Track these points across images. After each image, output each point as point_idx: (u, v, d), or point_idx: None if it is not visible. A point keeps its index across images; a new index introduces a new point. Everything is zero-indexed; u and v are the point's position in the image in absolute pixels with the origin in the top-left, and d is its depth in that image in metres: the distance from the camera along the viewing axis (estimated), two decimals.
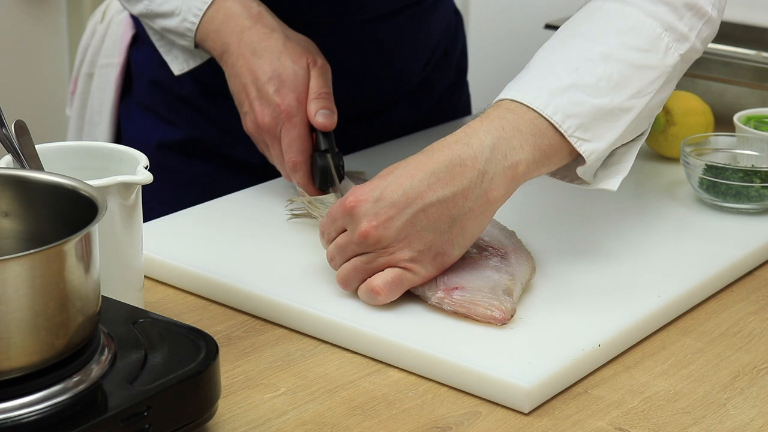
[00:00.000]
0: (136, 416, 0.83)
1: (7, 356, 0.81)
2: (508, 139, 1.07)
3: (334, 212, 1.08)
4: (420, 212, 1.05)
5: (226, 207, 1.29)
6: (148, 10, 1.31)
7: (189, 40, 1.29)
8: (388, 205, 1.05)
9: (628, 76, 1.11)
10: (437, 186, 1.05)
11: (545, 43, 1.17)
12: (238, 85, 1.25)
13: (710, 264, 1.18)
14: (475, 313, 1.05)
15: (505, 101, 1.11)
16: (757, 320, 1.12)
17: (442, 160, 1.06)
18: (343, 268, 1.08)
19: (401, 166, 1.07)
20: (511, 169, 1.06)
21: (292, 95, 1.23)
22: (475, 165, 1.05)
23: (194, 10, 1.28)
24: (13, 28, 2.79)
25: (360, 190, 1.06)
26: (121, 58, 1.54)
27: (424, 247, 1.05)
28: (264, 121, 1.24)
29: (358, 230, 1.05)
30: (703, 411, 0.97)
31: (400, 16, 1.45)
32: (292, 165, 1.24)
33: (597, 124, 1.10)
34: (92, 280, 0.86)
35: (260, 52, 1.24)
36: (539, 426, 0.95)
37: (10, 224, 0.92)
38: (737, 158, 1.38)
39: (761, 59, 1.72)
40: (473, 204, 1.06)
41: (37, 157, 1.01)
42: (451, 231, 1.06)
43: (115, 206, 1.00)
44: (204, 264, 1.14)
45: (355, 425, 0.94)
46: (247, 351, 1.04)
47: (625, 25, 1.13)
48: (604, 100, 1.10)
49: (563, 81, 1.10)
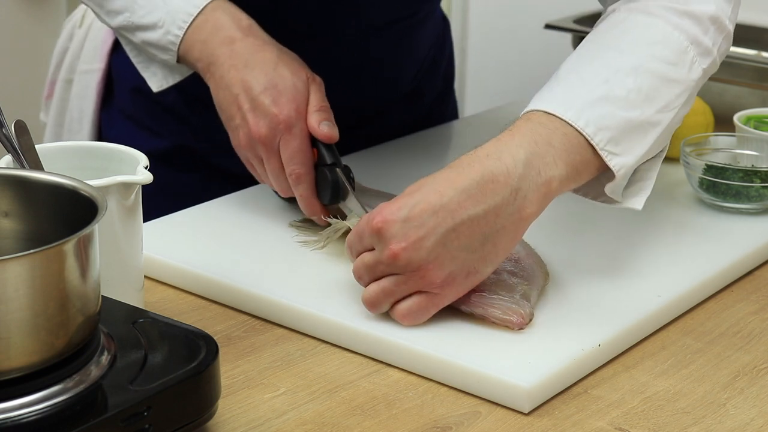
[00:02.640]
0: (136, 416, 0.83)
1: (7, 356, 0.81)
2: (541, 155, 1.04)
3: (361, 230, 1.04)
4: (451, 231, 1.01)
5: (226, 207, 1.29)
6: (129, 22, 1.25)
7: (171, 54, 1.23)
8: (417, 225, 1.00)
9: (657, 88, 1.10)
10: (468, 203, 1.01)
11: (571, 54, 1.14)
12: (227, 97, 1.19)
13: (710, 264, 1.18)
14: (492, 316, 1.04)
15: (536, 113, 1.07)
16: (757, 320, 1.12)
17: (474, 176, 1.02)
18: (371, 290, 1.04)
19: (429, 182, 1.03)
20: (544, 186, 1.03)
21: (290, 106, 1.17)
22: (508, 181, 1.02)
23: (179, 22, 1.22)
24: (13, 28, 2.79)
25: (387, 209, 1.02)
26: (102, 64, 1.51)
27: (456, 267, 1.02)
28: (260, 133, 1.17)
29: (387, 251, 1.01)
30: (703, 411, 0.97)
31: (394, 27, 1.44)
32: (295, 177, 1.18)
33: (627, 137, 1.08)
34: (92, 280, 0.86)
35: (253, 63, 1.19)
36: (539, 426, 0.95)
37: (10, 224, 0.92)
38: (737, 158, 1.38)
39: (761, 59, 1.72)
40: (506, 221, 1.02)
41: (37, 157, 1.01)
42: (483, 249, 1.02)
43: (115, 206, 1.00)
44: (204, 264, 1.14)
45: (355, 425, 0.94)
46: (247, 351, 1.04)
47: (653, 37, 1.11)
48: (634, 113, 1.08)
49: (594, 93, 1.07)
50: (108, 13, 1.28)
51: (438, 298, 1.03)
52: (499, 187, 1.02)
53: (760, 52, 1.77)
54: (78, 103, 1.56)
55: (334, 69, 1.36)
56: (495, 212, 1.02)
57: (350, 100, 1.43)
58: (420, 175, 1.38)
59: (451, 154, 1.49)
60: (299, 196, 1.20)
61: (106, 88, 1.52)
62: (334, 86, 1.27)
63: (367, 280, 1.05)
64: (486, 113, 1.68)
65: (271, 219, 1.25)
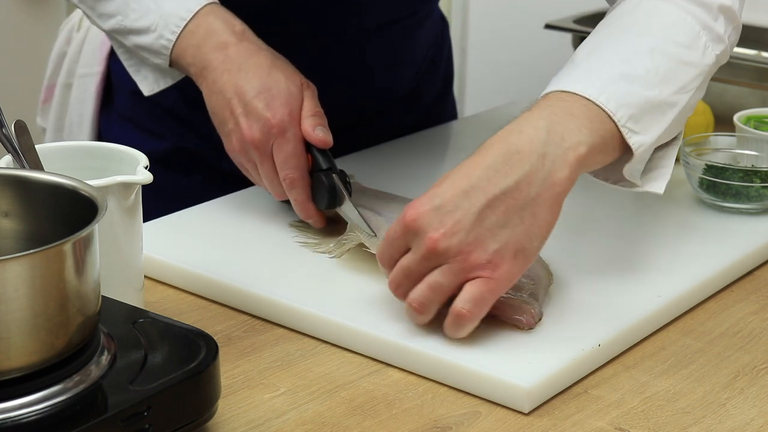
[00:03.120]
0: (136, 416, 0.83)
1: (7, 356, 0.81)
2: (562, 122, 1.03)
3: (391, 233, 1.01)
4: (486, 208, 0.99)
5: (227, 207, 1.29)
6: (121, 26, 1.25)
7: (164, 57, 1.23)
8: (451, 209, 0.99)
9: (674, 70, 1.10)
10: (497, 178, 1.00)
11: (585, 40, 1.14)
12: (220, 101, 1.19)
13: (710, 264, 1.18)
14: (503, 315, 1.04)
15: (554, 93, 1.07)
16: (757, 320, 1.12)
17: (498, 152, 1.01)
18: (416, 293, 1.00)
19: (454, 170, 1.02)
20: (572, 150, 1.02)
21: (284, 110, 1.17)
22: (533, 149, 1.01)
23: (172, 27, 1.21)
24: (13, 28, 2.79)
25: (417, 203, 1.00)
26: (101, 68, 1.51)
27: (500, 246, 0.99)
28: (253, 137, 1.17)
29: (425, 243, 0.99)
30: (703, 411, 0.97)
31: (394, 27, 1.44)
32: (289, 182, 1.18)
33: (646, 116, 1.08)
34: (92, 280, 0.86)
35: (247, 68, 1.18)
36: (539, 426, 0.95)
37: (10, 224, 0.92)
38: (737, 158, 1.38)
39: (761, 59, 1.72)
40: (539, 189, 1.00)
41: (37, 157, 1.01)
42: (523, 222, 1.00)
43: (115, 206, 1.00)
44: (204, 264, 1.14)
45: (355, 425, 0.94)
46: (247, 351, 1.04)
47: (666, 21, 1.13)
48: (653, 92, 1.08)
49: (614, 71, 1.08)
50: (100, 16, 1.27)
51: (492, 282, 0.99)
52: (524, 156, 1.01)
53: (760, 52, 1.77)
54: (78, 106, 1.56)
55: (334, 69, 1.36)
56: (527, 181, 1.00)
57: (350, 100, 1.43)
58: (420, 175, 1.38)
59: (451, 154, 1.49)
60: (294, 201, 1.20)
61: (105, 91, 1.52)
62: (335, 86, 1.27)
63: (407, 286, 1.01)
64: (486, 113, 1.68)
65: (270, 219, 1.25)
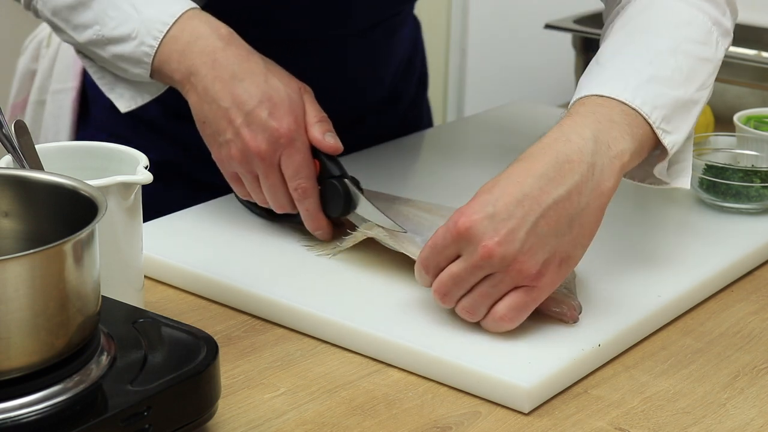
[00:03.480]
0: (136, 416, 0.83)
1: (7, 356, 0.81)
2: (606, 130, 1.05)
3: (440, 241, 1.01)
4: (540, 218, 1.00)
5: (227, 207, 1.29)
6: (99, 36, 1.19)
7: (145, 66, 1.17)
8: (505, 218, 0.99)
9: (694, 68, 1.12)
10: (550, 187, 1.01)
11: (607, 41, 1.16)
12: (215, 111, 1.14)
13: (710, 264, 1.18)
14: (547, 309, 1.05)
15: (590, 97, 1.08)
16: (757, 320, 1.12)
17: (548, 161, 1.02)
18: (467, 302, 1.02)
19: (503, 177, 1.02)
20: (617, 159, 1.04)
21: (289, 118, 1.13)
22: (582, 158, 1.02)
23: (154, 32, 1.16)
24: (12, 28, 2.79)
25: (469, 210, 1.00)
26: (75, 83, 1.47)
27: (549, 255, 1.00)
28: (259, 148, 1.13)
29: (480, 251, 0.99)
30: (703, 411, 0.97)
31: (377, 30, 1.43)
32: (302, 192, 1.15)
33: (676, 115, 1.10)
34: (92, 280, 0.86)
35: (241, 74, 1.14)
36: (539, 426, 0.95)
37: (10, 224, 0.92)
38: (737, 158, 1.38)
39: (761, 59, 1.73)
40: (588, 198, 1.02)
41: (37, 157, 1.01)
42: (572, 231, 1.02)
43: (115, 206, 1.00)
44: (204, 264, 1.14)
45: (355, 425, 0.94)
46: (247, 351, 1.04)
47: (681, 19, 1.15)
48: (679, 91, 1.10)
49: (643, 74, 1.09)
50: (76, 28, 1.21)
51: (536, 291, 1.01)
52: (575, 165, 1.02)
53: (760, 52, 1.77)
54: (53, 122, 1.52)
55: (318, 72, 1.34)
56: (577, 191, 1.02)
57: (332, 104, 1.42)
58: (421, 174, 1.38)
59: (451, 154, 1.49)
60: (305, 211, 1.17)
61: (81, 105, 1.48)
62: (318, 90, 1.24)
63: (456, 293, 1.02)
64: (486, 113, 1.68)
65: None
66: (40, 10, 1.23)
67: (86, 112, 1.49)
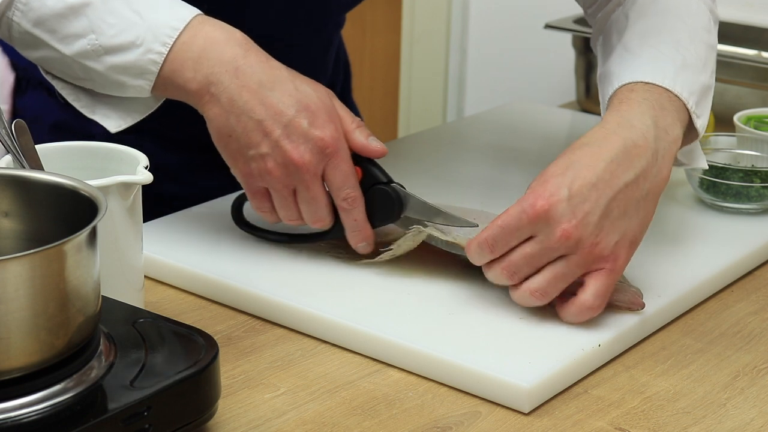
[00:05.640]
0: (136, 416, 0.83)
1: (7, 356, 0.81)
2: (662, 117, 1.09)
3: (513, 221, 1.01)
4: (612, 201, 1.03)
5: (227, 207, 1.28)
6: (95, 45, 1.09)
7: (149, 77, 1.09)
8: (582, 200, 1.02)
9: (707, 55, 1.18)
10: (620, 172, 1.04)
11: (630, 29, 1.19)
12: (246, 123, 1.07)
13: (710, 264, 1.18)
14: (618, 300, 1.07)
15: (636, 84, 1.12)
16: (757, 320, 1.12)
17: (617, 146, 1.05)
18: (539, 282, 1.03)
19: (574, 160, 1.04)
20: (674, 144, 1.09)
21: (331, 126, 1.08)
22: (648, 144, 1.07)
23: (163, 38, 1.08)
24: None
25: (545, 192, 1.02)
26: (6, 106, 1.37)
27: (620, 237, 1.04)
28: (303, 159, 1.07)
29: (558, 232, 1.01)
30: (703, 411, 0.97)
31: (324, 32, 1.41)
32: (351, 201, 1.10)
33: (702, 100, 1.15)
34: (92, 280, 0.86)
35: (269, 83, 1.07)
36: (539, 426, 0.95)
37: (10, 224, 0.92)
38: (737, 158, 1.38)
39: (761, 59, 1.73)
40: (651, 184, 1.06)
41: (37, 157, 1.01)
42: (638, 214, 1.05)
43: (115, 206, 1.00)
44: (204, 264, 1.14)
45: (355, 425, 0.94)
46: (247, 351, 1.04)
47: (690, 9, 1.20)
48: (702, 77, 1.16)
49: (676, 61, 1.14)
50: (63, 38, 1.10)
51: (613, 274, 1.04)
52: (642, 151, 1.06)
53: (760, 52, 1.77)
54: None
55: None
56: (643, 176, 1.06)
57: None
58: (421, 174, 1.38)
59: (451, 154, 1.49)
60: (353, 222, 1.12)
61: None
62: None
63: (526, 272, 1.03)
64: (486, 113, 1.68)
65: None
66: (17, 22, 1.11)
67: None
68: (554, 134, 1.60)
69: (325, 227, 1.13)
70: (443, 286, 1.11)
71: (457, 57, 2.51)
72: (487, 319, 1.06)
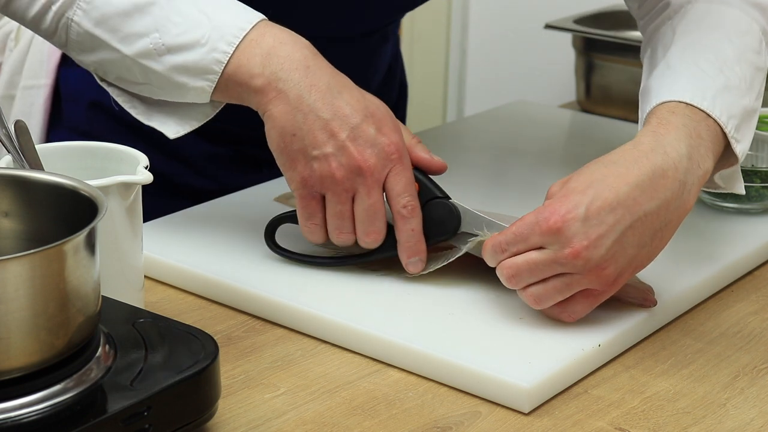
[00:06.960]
0: (136, 416, 0.83)
1: (7, 356, 0.81)
2: (697, 147, 1.06)
3: (526, 231, 1.01)
4: (628, 229, 1.01)
5: (226, 207, 1.29)
6: (158, 44, 1.08)
7: (212, 78, 1.08)
8: (597, 222, 1.00)
9: (754, 76, 1.14)
10: (642, 199, 1.02)
11: (674, 45, 1.16)
12: (313, 121, 1.05)
13: (710, 264, 1.18)
14: (631, 296, 1.07)
15: (678, 105, 1.09)
16: (757, 320, 1.12)
17: (645, 172, 1.02)
18: (539, 290, 1.02)
19: (597, 179, 1.02)
20: (702, 178, 1.06)
21: (396, 135, 1.07)
22: (677, 176, 1.04)
23: (229, 37, 1.07)
24: None
25: (561, 208, 1.00)
26: (49, 80, 1.39)
27: (626, 264, 1.02)
28: (368, 163, 1.05)
29: (568, 251, 1.00)
30: (703, 411, 0.97)
31: (376, 35, 1.41)
32: (410, 209, 1.08)
33: (743, 124, 1.11)
34: (92, 280, 0.86)
35: (337, 87, 1.07)
36: (539, 426, 0.95)
37: (10, 224, 0.92)
38: None
39: None
40: (672, 215, 1.04)
41: (37, 157, 1.01)
42: (652, 244, 1.03)
43: (115, 206, 1.00)
44: (204, 264, 1.14)
45: (355, 425, 0.94)
46: (247, 351, 1.04)
47: (740, 28, 1.16)
48: (745, 100, 1.12)
49: (717, 82, 1.11)
50: (125, 38, 1.09)
51: (603, 295, 1.04)
52: (669, 182, 1.03)
53: None
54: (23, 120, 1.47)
55: None
56: (666, 207, 1.03)
57: None
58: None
59: (451, 154, 1.49)
60: (410, 232, 1.09)
61: (54, 105, 1.40)
62: None
63: (527, 279, 1.02)
64: (486, 113, 1.68)
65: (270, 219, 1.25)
66: (77, 23, 1.10)
67: (58, 111, 1.41)
68: (554, 134, 1.60)
69: (376, 243, 1.10)
70: (443, 286, 1.11)
71: (457, 57, 2.51)
72: (487, 319, 1.06)
